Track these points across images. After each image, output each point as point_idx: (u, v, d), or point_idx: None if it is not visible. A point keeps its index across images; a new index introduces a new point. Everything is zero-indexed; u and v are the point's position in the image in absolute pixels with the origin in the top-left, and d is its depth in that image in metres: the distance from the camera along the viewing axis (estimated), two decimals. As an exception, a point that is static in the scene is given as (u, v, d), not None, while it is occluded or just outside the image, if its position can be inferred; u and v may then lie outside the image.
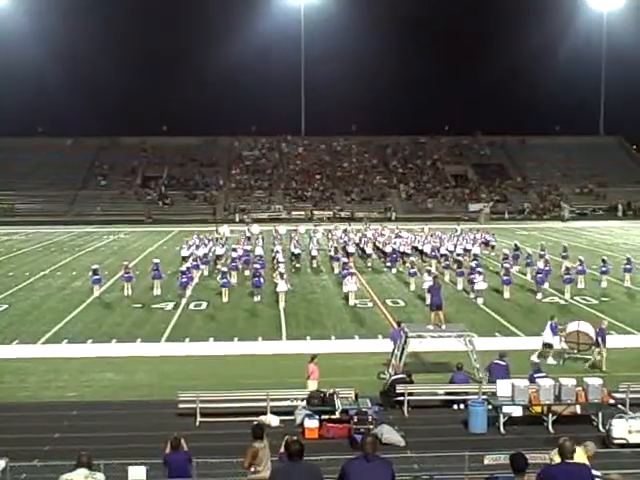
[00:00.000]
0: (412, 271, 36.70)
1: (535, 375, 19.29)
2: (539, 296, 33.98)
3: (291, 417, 18.18)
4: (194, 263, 39.51)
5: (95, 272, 35.72)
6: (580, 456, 10.36)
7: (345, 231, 53.86)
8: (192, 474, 13.21)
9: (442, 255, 42.10)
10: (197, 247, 44.49)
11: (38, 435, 17.25)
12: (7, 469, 13.11)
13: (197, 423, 18.17)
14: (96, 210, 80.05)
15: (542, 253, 39.94)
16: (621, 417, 17.01)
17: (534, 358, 23.07)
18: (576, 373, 20.48)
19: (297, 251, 44.67)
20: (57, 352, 25.31)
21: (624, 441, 16.47)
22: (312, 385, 19.31)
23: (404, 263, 41.99)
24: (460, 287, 35.97)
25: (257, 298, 33.65)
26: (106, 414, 18.98)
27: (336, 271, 40.87)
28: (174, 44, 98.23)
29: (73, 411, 19.27)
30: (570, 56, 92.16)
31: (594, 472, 9.60)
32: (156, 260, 37.62)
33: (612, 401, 18.24)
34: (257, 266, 36.89)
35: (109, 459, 12.46)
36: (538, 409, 18.20)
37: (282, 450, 10.99)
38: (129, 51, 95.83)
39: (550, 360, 23.25)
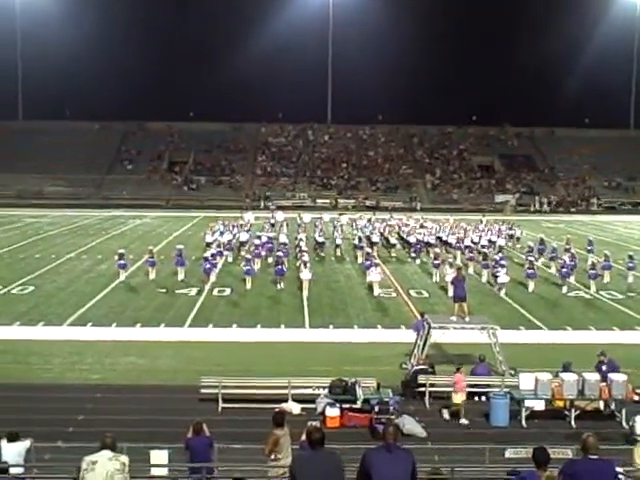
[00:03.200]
0: (436, 262, 36.56)
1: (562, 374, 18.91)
2: (564, 290, 33.73)
3: (312, 405, 18.23)
4: (218, 249, 39.62)
5: (121, 256, 35.94)
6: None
7: (369, 220, 53.75)
8: (213, 459, 13.29)
9: (466, 247, 41.89)
10: (221, 233, 44.61)
11: (62, 416, 17.46)
12: (32, 449, 13.26)
13: (219, 409, 18.28)
14: (122, 194, 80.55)
15: (568, 247, 39.62)
16: (645, 413, 16.87)
17: None
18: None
19: (321, 239, 44.66)
20: (82, 335, 25.55)
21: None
22: (459, 398, 18.17)
23: (428, 254, 41.85)
24: (484, 279, 35.80)
25: (280, 286, 33.70)
26: (129, 397, 19.15)
27: (360, 260, 40.83)
28: (204, 30, 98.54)
29: (97, 394, 19.48)
30: (602, 48, 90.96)
31: (617, 469, 9.53)
32: (180, 246, 37.78)
33: (636, 397, 18.10)
34: (280, 254, 36.94)
35: (132, 442, 12.55)
36: (560, 403, 18.10)
37: (303, 438, 11.02)
38: (159, 37, 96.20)
39: None
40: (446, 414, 18.15)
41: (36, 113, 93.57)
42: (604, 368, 19.03)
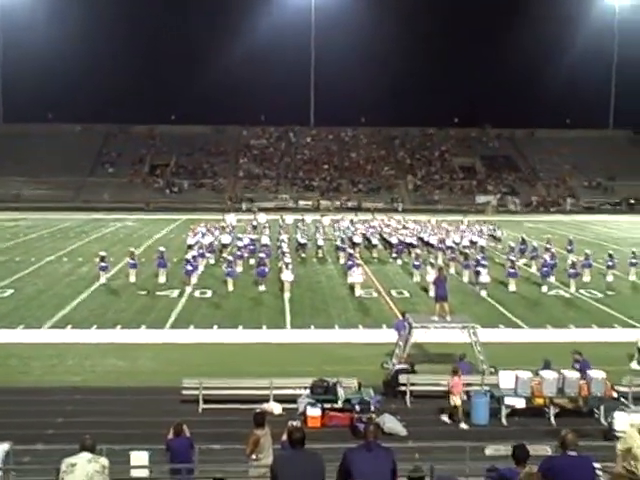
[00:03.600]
0: (416, 263, 36.67)
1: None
2: (544, 289, 33.93)
3: (294, 405, 18.22)
4: (200, 251, 39.54)
5: (102, 259, 35.79)
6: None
7: (351, 221, 53.83)
8: (194, 460, 13.25)
9: (448, 247, 42.05)
10: (203, 235, 44.52)
11: (41, 419, 17.34)
12: (10, 452, 13.16)
13: (200, 410, 18.24)
14: (103, 197, 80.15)
15: (548, 246, 39.86)
16: (623, 410, 17.00)
17: (635, 366, 22.14)
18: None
19: (303, 241, 44.69)
20: (62, 337, 25.41)
21: (624, 432, 16.44)
22: (456, 400, 17.95)
23: (410, 254, 41.95)
24: (466, 279, 35.94)
25: (262, 287, 33.66)
26: (109, 399, 19.05)
27: (342, 261, 40.87)
28: (186, 33, 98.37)
29: (77, 396, 19.36)
30: (581, 49, 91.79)
31: (596, 465, 9.59)
32: (162, 248, 37.64)
33: (615, 394, 18.23)
34: (262, 255, 36.91)
35: (111, 444, 12.50)
36: (540, 401, 18.20)
37: (284, 438, 11.02)
38: (141, 39, 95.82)
39: (635, 365, 22.34)
40: (445, 417, 18.08)
41: (17, 116, 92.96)
42: (577, 367, 19.13)
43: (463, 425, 17.71)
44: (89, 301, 31.44)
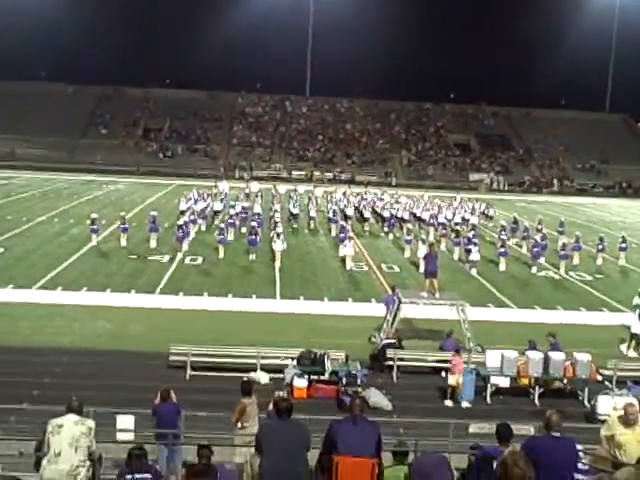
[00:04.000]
0: (408, 238, 36.69)
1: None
2: (534, 270, 34.06)
3: (281, 375, 18.31)
4: (192, 217, 39.46)
5: (93, 221, 35.67)
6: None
7: (344, 194, 53.75)
8: (180, 426, 13.33)
9: (440, 223, 42.05)
10: (195, 202, 44.40)
11: (28, 379, 17.38)
12: (-4, 411, 13.22)
13: (187, 376, 18.33)
14: (96, 159, 79.67)
15: (539, 227, 39.93)
16: (607, 394, 17.17)
17: (630, 353, 22.03)
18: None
19: (295, 211, 44.63)
20: (51, 298, 25.38)
21: (608, 418, 16.61)
22: (455, 379, 18.04)
23: (401, 229, 41.96)
24: (456, 257, 36.02)
25: (252, 256, 33.64)
26: (97, 362, 19.09)
27: (333, 233, 40.88)
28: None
29: (64, 357, 19.40)
30: (580, 30, 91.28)
31: (578, 447, 9.69)
32: (154, 213, 37.49)
33: (599, 377, 18.39)
34: (254, 224, 36.79)
35: (98, 406, 12.54)
36: (525, 381, 18.34)
37: (271, 407, 11.08)
38: (137, 2, 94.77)
39: (631, 352, 22.23)
40: (449, 402, 17.91)
41: (10, 74, 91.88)
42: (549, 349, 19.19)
43: (448, 402, 17.84)
44: (79, 263, 31.39)
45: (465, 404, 17.67)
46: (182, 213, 41.11)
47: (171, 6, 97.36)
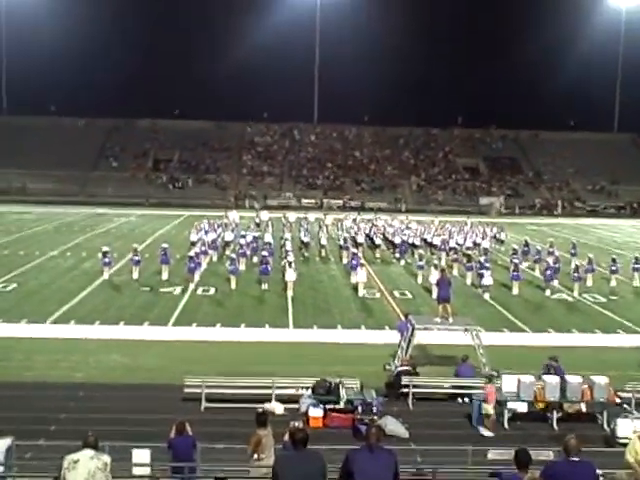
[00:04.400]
0: (420, 264, 36.64)
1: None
2: (547, 293, 33.91)
3: (296, 405, 18.22)
4: (203, 248, 39.54)
5: (105, 254, 35.80)
6: None
7: (355, 221, 53.79)
8: (196, 459, 13.26)
9: (451, 248, 42.03)
10: (206, 232, 44.52)
11: (44, 415, 17.34)
12: (12, 447, 13.17)
13: (202, 408, 18.24)
14: (107, 191, 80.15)
15: (551, 250, 39.83)
16: (626, 417, 16.98)
17: None
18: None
19: (306, 239, 44.67)
20: (65, 333, 25.41)
21: (628, 441, 16.42)
22: (490, 409, 17.68)
23: (413, 255, 41.92)
24: (469, 281, 35.90)
25: (264, 286, 33.64)
26: (112, 396, 19.06)
27: (345, 261, 40.86)
28: (190, 28, 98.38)
29: (79, 392, 19.36)
30: (587, 52, 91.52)
31: (598, 471, 9.59)
32: (165, 245, 37.59)
33: (618, 400, 18.21)
34: (265, 253, 36.82)
35: (114, 441, 12.51)
36: (543, 405, 18.17)
37: (286, 438, 11.02)
38: (145, 33, 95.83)
39: None
40: (484, 431, 17.53)
41: (20, 108, 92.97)
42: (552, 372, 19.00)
43: (487, 433, 17.51)
44: (92, 296, 31.46)
45: (487, 433, 17.44)
46: (193, 244, 41.26)
47: (177, 39, 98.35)
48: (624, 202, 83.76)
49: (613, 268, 36.81)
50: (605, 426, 17.55)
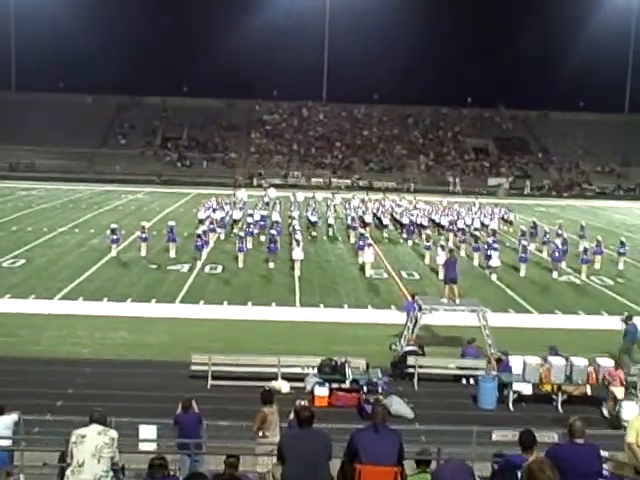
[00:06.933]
0: (427, 244, 36.61)
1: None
2: (555, 275, 33.83)
3: (301, 384, 18.31)
4: (210, 226, 39.55)
5: (113, 231, 35.86)
6: None
7: (363, 200, 53.70)
8: (202, 435, 13.36)
9: (459, 229, 41.92)
10: (214, 210, 44.51)
11: (51, 390, 17.50)
12: (20, 422, 13.28)
13: (208, 386, 18.35)
14: (115, 169, 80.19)
15: (560, 231, 39.68)
16: (631, 399, 17.01)
17: None
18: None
19: (314, 219, 44.63)
20: (73, 309, 25.56)
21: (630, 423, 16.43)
22: (619, 392, 17.43)
23: (420, 235, 41.84)
24: (476, 262, 35.85)
25: (272, 265, 33.68)
26: (119, 372, 19.20)
27: (352, 240, 40.85)
28: (201, 6, 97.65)
29: (86, 368, 19.51)
30: (598, 31, 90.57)
31: (602, 453, 9.61)
32: (171, 223, 37.49)
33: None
34: (273, 232, 36.79)
35: (121, 417, 12.60)
36: (548, 388, 18.21)
37: (292, 416, 11.08)
38: (156, 10, 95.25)
39: None
40: (605, 411, 17.50)
41: (29, 84, 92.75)
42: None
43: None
44: (100, 273, 31.58)
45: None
46: (201, 222, 41.27)
47: (187, 15, 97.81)
48: (634, 184, 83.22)
49: (621, 250, 36.65)
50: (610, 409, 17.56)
